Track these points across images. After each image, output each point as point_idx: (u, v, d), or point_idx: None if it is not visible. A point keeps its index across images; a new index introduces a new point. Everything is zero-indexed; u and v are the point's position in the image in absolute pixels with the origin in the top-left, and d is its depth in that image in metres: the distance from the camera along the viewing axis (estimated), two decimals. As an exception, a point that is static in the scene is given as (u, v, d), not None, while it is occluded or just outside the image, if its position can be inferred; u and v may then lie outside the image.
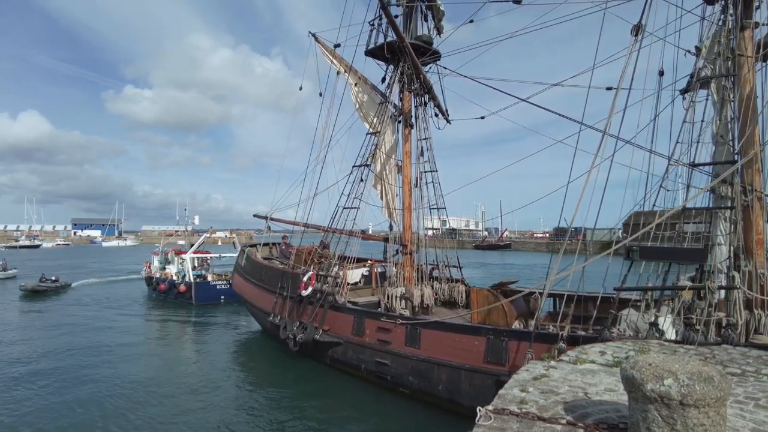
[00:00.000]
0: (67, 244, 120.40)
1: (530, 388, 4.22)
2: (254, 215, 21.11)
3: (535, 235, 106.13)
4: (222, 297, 25.57)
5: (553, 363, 5.06)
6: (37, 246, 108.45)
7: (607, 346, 6.03)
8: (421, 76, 14.57)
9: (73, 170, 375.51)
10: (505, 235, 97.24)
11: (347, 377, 12.89)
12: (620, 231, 71.89)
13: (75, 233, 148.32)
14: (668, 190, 8.91)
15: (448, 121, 15.75)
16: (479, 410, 3.58)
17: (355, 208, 14.46)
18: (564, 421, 3.38)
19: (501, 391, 4.15)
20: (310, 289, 13.90)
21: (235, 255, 24.92)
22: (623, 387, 3.03)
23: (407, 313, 13.03)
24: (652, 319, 7.77)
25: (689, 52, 9.71)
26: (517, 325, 11.08)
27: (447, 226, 16.98)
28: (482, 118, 15.46)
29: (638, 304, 8.59)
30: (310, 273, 14.25)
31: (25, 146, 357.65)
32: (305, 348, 13.57)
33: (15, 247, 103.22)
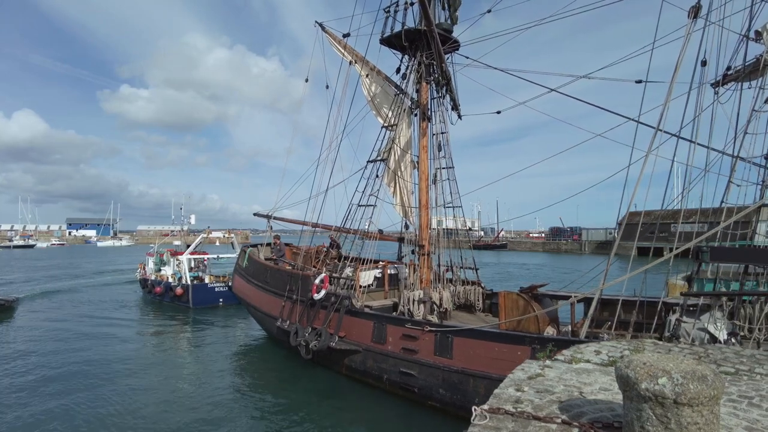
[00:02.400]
0: (62, 244, 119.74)
1: (525, 387, 4.21)
2: (255, 214, 20.17)
3: (530, 235, 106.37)
4: (221, 300, 24.72)
5: (548, 362, 5.07)
6: (32, 246, 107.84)
7: (602, 346, 6.05)
8: (443, 65, 13.57)
9: (68, 170, 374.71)
10: (501, 234, 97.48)
11: (366, 388, 11.93)
12: (615, 230, 72.13)
13: (70, 233, 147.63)
14: (738, 185, 8.16)
15: (460, 117, 14.90)
16: (474, 409, 3.58)
17: (371, 205, 13.50)
18: (559, 420, 3.38)
19: (496, 391, 4.15)
20: (323, 292, 12.96)
21: (234, 255, 24.25)
22: (618, 386, 3.03)
23: (435, 319, 12.04)
24: (727, 329, 7.00)
25: (746, 36, 9.02)
26: (550, 331, 10.26)
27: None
28: (498, 112, 14.88)
29: (690, 309, 7.90)
30: (323, 275, 13.28)
31: (19, 145, 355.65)
32: (318, 356, 12.67)
33: (9, 247, 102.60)
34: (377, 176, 13.68)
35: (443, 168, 14.53)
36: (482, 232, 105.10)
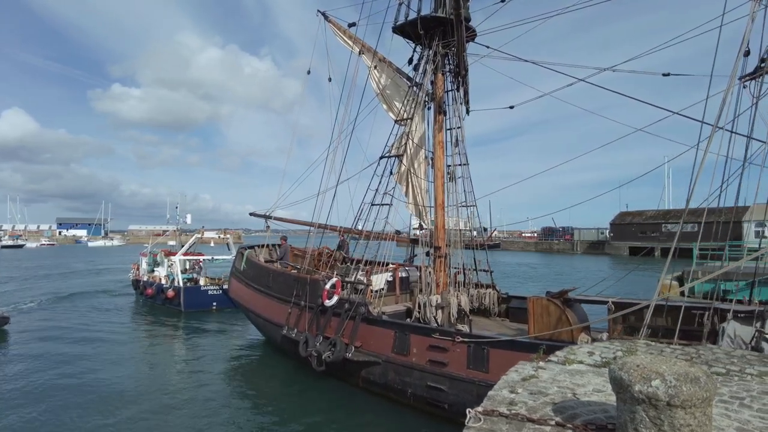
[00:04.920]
0: (52, 244, 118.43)
1: (519, 389, 4.23)
2: (251, 214, 19.10)
3: (523, 234, 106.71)
4: (214, 304, 23.71)
5: (541, 363, 5.09)
6: (21, 246, 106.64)
7: (596, 347, 6.08)
8: (463, 54, 12.66)
9: (58, 169, 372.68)
10: (494, 234, 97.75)
11: (387, 403, 10.96)
12: (608, 231, 72.53)
13: (60, 233, 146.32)
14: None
15: (468, 112, 14.16)
16: (468, 411, 3.59)
17: (386, 204, 12.65)
18: (553, 422, 3.40)
19: (490, 393, 4.15)
20: (335, 298, 12.08)
21: (229, 257, 23.38)
22: (611, 388, 3.06)
23: (466, 328, 11.14)
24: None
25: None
26: (583, 338, 9.49)
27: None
28: (511, 107, 14.34)
29: (742, 315, 7.50)
30: (335, 279, 12.39)
31: (9, 144, 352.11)
32: (332, 367, 11.68)
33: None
34: (391, 173, 12.85)
35: (459, 165, 13.74)
36: (475, 232, 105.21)
